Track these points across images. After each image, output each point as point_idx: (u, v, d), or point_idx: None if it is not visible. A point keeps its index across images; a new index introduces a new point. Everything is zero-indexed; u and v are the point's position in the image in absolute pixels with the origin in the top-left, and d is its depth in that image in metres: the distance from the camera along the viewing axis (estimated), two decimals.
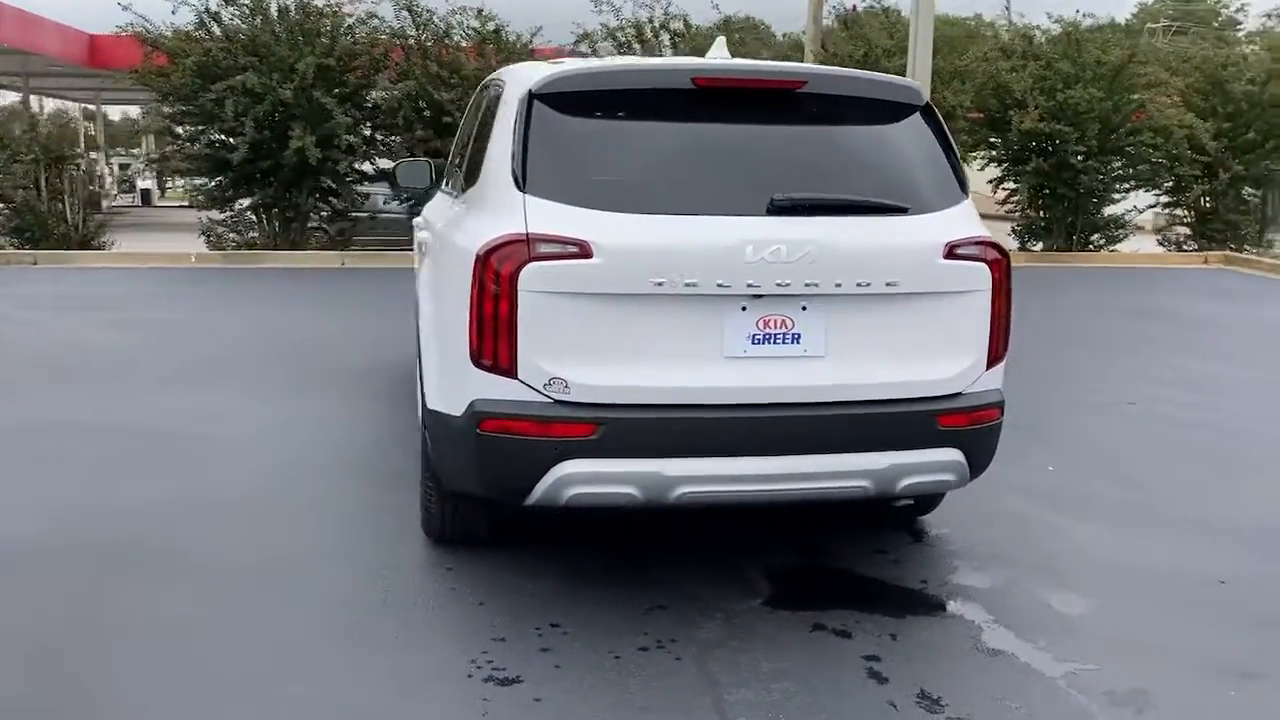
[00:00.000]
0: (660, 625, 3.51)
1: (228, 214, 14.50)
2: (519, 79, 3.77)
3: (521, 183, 3.37)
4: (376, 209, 16.15)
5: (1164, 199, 17.36)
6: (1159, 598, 3.84)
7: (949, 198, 3.57)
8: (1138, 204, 17.15)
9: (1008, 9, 17.23)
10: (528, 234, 3.25)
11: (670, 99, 3.54)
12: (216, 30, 14.07)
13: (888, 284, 3.36)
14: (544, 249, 3.23)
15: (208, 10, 14.04)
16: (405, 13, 14.73)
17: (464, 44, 15.02)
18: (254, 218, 14.55)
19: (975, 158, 16.48)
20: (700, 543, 4.27)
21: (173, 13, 14.43)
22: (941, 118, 3.73)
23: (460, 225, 3.75)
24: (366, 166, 14.82)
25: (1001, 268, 3.54)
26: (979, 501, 4.54)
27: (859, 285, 3.34)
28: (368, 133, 14.60)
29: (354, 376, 7.04)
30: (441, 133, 13.99)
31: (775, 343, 3.33)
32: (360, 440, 5.64)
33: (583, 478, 3.28)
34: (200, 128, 13.97)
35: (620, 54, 15.24)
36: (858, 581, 3.95)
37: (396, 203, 16.24)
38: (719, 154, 3.51)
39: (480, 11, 15.00)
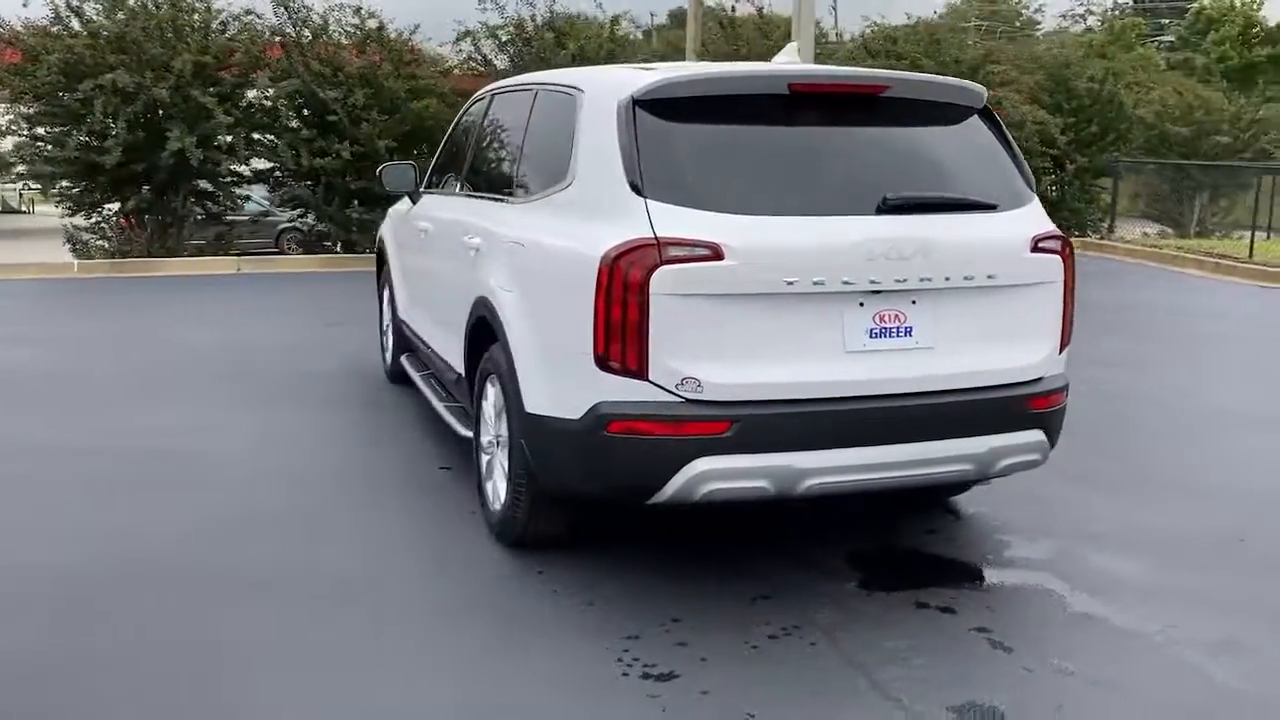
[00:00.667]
0: (776, 613, 3.63)
1: (94, 220, 13.72)
2: (605, 85, 3.82)
3: (640, 188, 3.42)
4: (260, 213, 15.61)
5: None
6: (1197, 557, 4.20)
7: (1024, 195, 3.81)
8: None
9: (834, 10, 17.84)
10: (656, 238, 3.31)
11: (765, 104, 3.66)
12: (76, 25, 13.29)
13: (988, 277, 3.58)
14: (674, 252, 3.30)
15: (68, 4, 13.23)
16: (281, 9, 14.27)
17: (344, 41, 14.65)
18: (124, 224, 13.79)
19: None
20: (764, 532, 4.40)
21: (24, 4, 13.58)
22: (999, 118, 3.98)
23: (554, 230, 3.75)
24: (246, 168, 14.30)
25: (1070, 260, 3.81)
26: (994, 480, 4.83)
27: (965, 279, 3.55)
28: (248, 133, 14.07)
29: (311, 384, 6.86)
30: (325, 132, 13.63)
31: (890, 336, 3.50)
32: (359, 448, 5.52)
33: (717, 474, 3.36)
34: (65, 129, 13.14)
35: (507, 52, 15.18)
36: (931, 560, 4.17)
37: (277, 206, 15.74)
38: (817, 156, 3.65)
39: (359, 9, 14.67)
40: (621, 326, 3.33)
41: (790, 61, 4.05)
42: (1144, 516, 4.65)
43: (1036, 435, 3.74)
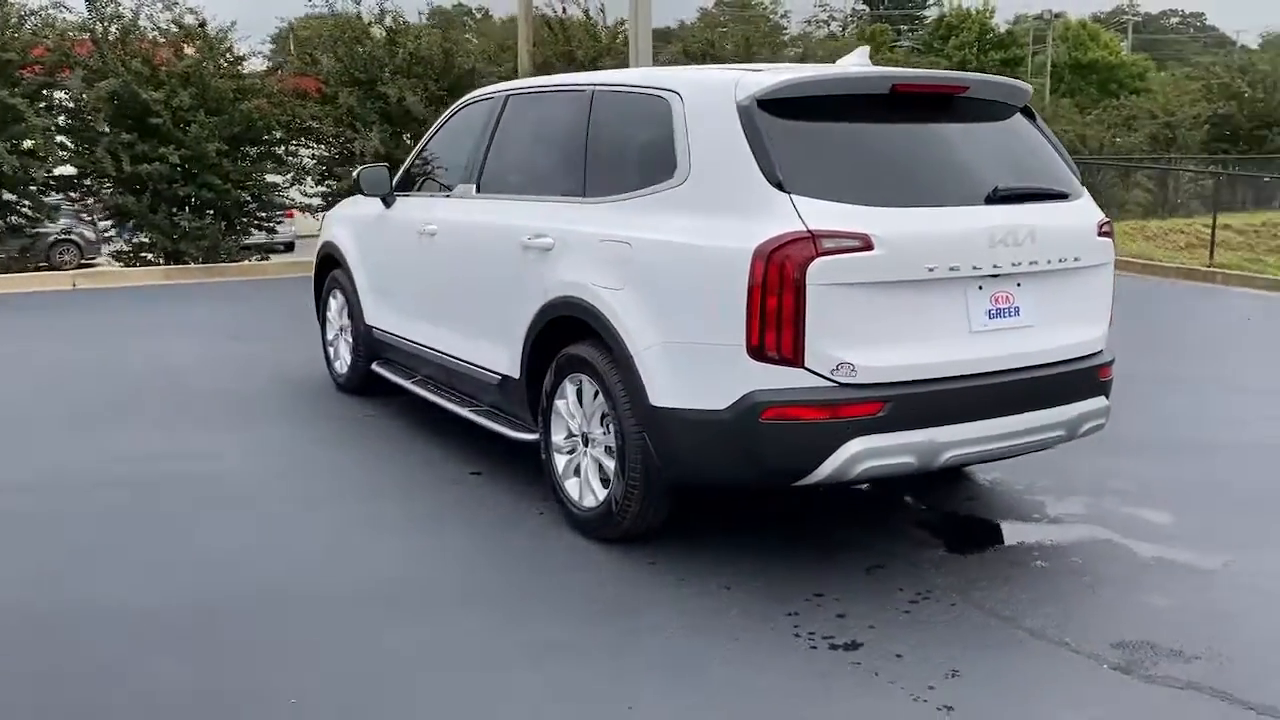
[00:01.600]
0: (899, 581, 3.87)
1: None
2: (709, 86, 3.95)
3: (783, 183, 3.57)
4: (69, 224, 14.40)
5: None
6: (1228, 505, 4.72)
7: (1077, 184, 4.22)
8: None
9: (602, 11, 18.08)
10: (810, 231, 3.47)
11: (871, 103, 3.88)
12: None
13: (1075, 259, 3.96)
14: (828, 244, 3.47)
15: None
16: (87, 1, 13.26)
17: (160, 39, 13.77)
18: None
19: None
20: (822, 512, 4.63)
21: None
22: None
23: (676, 227, 3.81)
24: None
25: (1114, 244, 4.26)
26: None
27: (1060, 261, 3.91)
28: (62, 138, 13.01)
29: (264, 401, 6.54)
30: (146, 134, 12.77)
31: (1004, 316, 3.81)
32: (374, 460, 5.35)
33: (871, 453, 3.56)
34: None
35: (335, 51, 14.68)
36: (989, 523, 4.51)
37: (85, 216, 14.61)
38: (922, 151, 3.92)
39: (175, 3, 13.82)
40: (778, 317, 3.47)
41: (861, 64, 4.28)
42: (1159, 472, 5.14)
43: (1104, 401, 4.15)
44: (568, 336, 4.34)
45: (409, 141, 13.87)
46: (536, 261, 4.47)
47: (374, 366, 6.24)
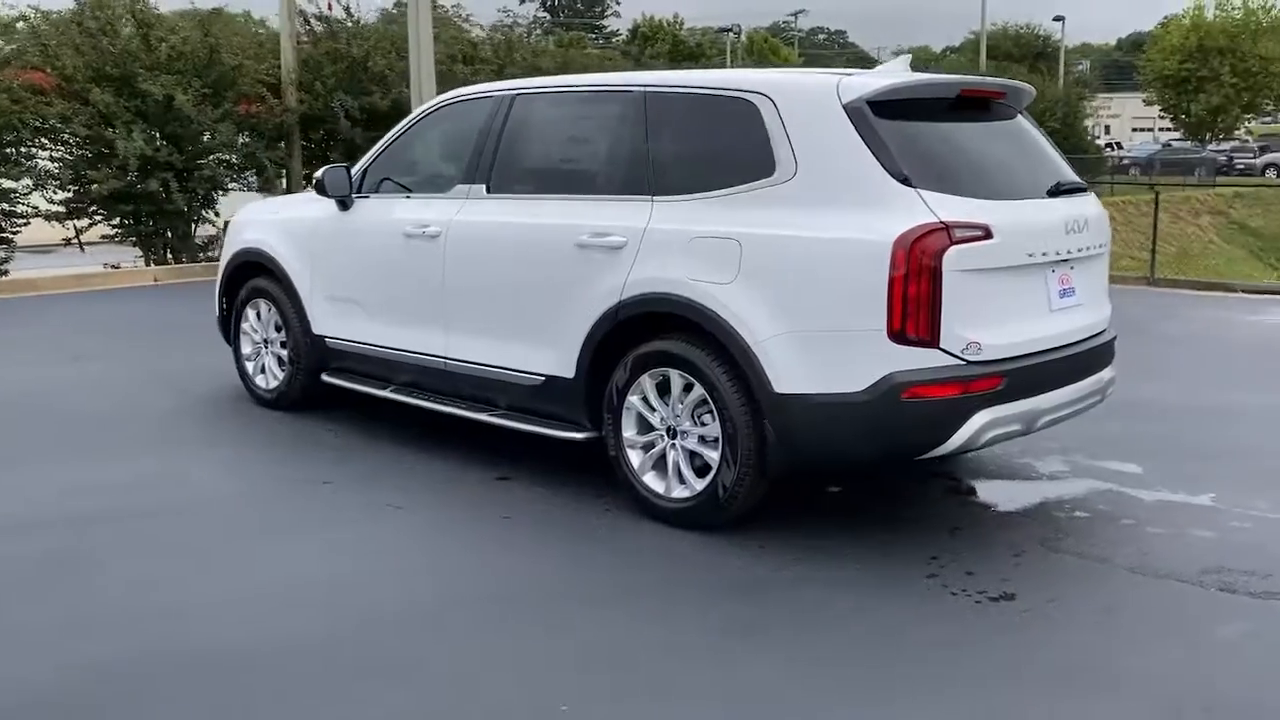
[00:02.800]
0: (989, 538, 4.29)
1: None
2: (807, 88, 4.21)
3: (909, 179, 3.86)
4: None
5: None
6: (1174, 453, 5.46)
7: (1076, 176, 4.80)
8: None
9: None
10: (944, 222, 3.80)
11: (942, 105, 4.25)
12: None
13: (1100, 245, 4.53)
14: (960, 234, 3.81)
15: None
16: None
17: None
18: None
19: None
20: (852, 488, 4.98)
21: None
22: None
23: (795, 223, 3.98)
24: None
25: None
26: None
27: (1099, 246, 4.46)
28: None
29: (188, 424, 6.06)
30: None
31: (1067, 296, 4.30)
32: (398, 478, 5.13)
33: (994, 423, 3.94)
34: None
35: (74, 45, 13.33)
36: (1028, 485, 4.97)
37: None
38: (987, 148, 4.34)
39: None
40: (917, 302, 3.77)
41: (903, 70, 4.62)
42: (1120, 431, 5.79)
43: (1114, 370, 4.76)
44: (642, 333, 4.41)
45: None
46: (602, 260, 4.49)
47: (325, 377, 5.93)
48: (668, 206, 4.39)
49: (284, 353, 6.16)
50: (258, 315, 6.33)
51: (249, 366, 6.43)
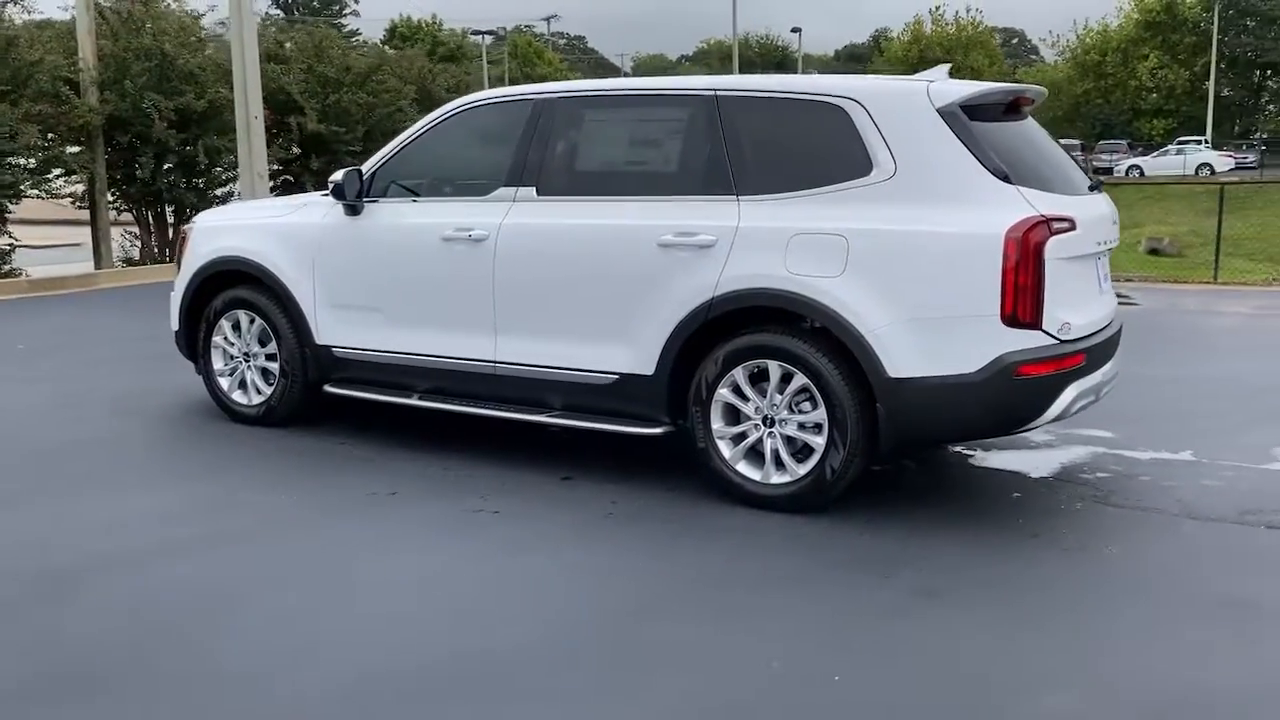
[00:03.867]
0: (1046, 501, 4.76)
1: None
2: (897, 93, 4.51)
3: (1009, 176, 4.25)
4: None
5: None
6: (1137, 419, 6.17)
7: None
8: None
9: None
10: (1044, 216, 4.21)
11: (999, 110, 4.66)
12: None
13: (1113, 239, 5.08)
14: (1056, 225, 4.23)
15: None
16: None
17: None
18: None
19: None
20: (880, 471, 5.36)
21: None
22: None
23: (900, 218, 4.27)
24: None
25: None
26: None
27: (1116, 239, 5.00)
28: None
29: (163, 449, 5.67)
30: None
31: (1103, 283, 4.82)
32: (456, 490, 5.04)
33: (1078, 396, 4.39)
34: None
35: None
36: (1037, 454, 5.47)
37: None
38: (1038, 148, 4.76)
39: None
40: (1025, 288, 4.16)
41: (942, 78, 4.98)
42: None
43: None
44: (732, 327, 4.58)
45: None
46: (689, 259, 4.62)
47: (328, 389, 5.71)
48: (757, 205, 4.57)
49: (271, 365, 5.87)
50: (234, 327, 5.99)
51: (223, 383, 6.07)
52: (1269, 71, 53.33)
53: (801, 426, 4.52)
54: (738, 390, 4.62)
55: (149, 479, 5.15)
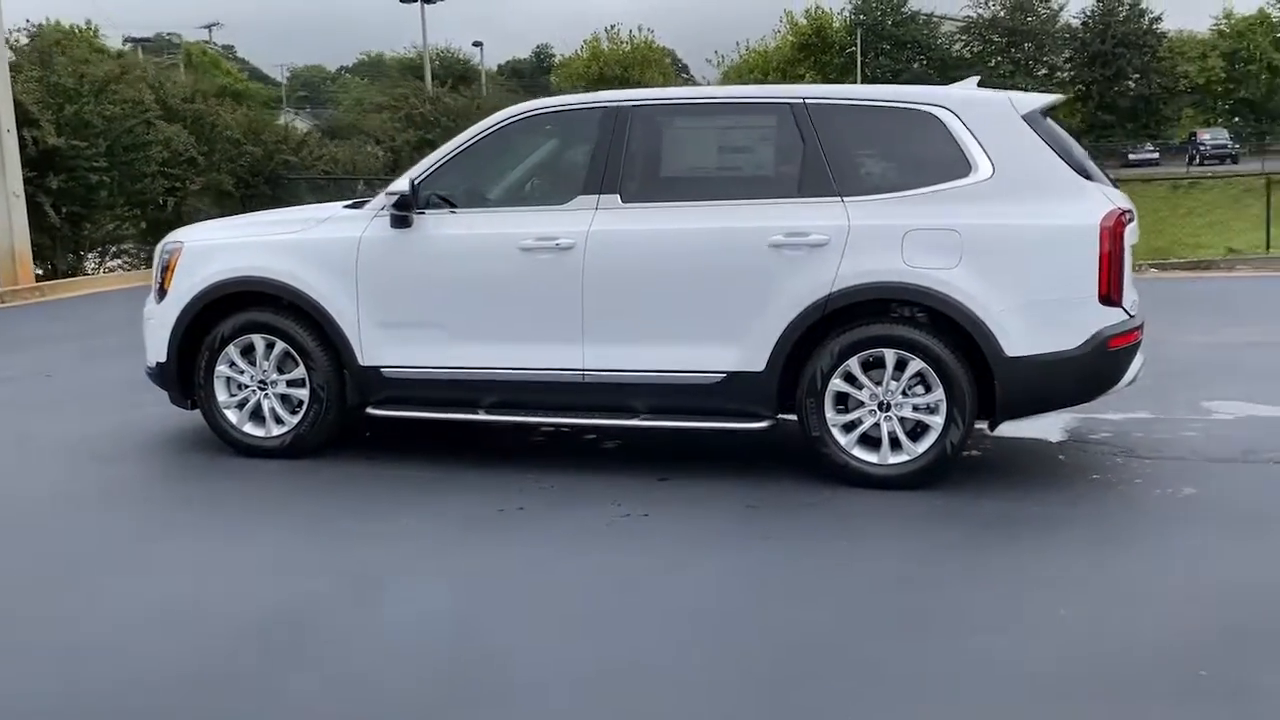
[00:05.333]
0: (1080, 459, 5.44)
1: None
2: (983, 101, 4.98)
3: (1086, 174, 4.86)
4: None
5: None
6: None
7: None
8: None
9: None
10: (1120, 208, 4.84)
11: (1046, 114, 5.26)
12: None
13: None
14: (1126, 217, 4.88)
15: None
16: None
17: None
18: None
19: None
20: None
21: None
22: None
23: (1005, 213, 4.73)
24: None
25: None
26: None
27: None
28: None
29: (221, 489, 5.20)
30: None
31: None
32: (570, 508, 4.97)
33: (1139, 365, 5.06)
34: None
35: None
36: (1039, 421, 6.03)
37: None
38: (1072, 146, 5.37)
39: None
40: (1114, 272, 4.78)
41: (973, 88, 5.48)
42: None
43: None
44: (845, 321, 4.89)
45: None
46: (801, 258, 4.87)
47: (372, 411, 5.43)
48: (863, 205, 4.90)
49: (296, 392, 5.48)
50: (243, 353, 5.53)
51: (232, 415, 5.57)
52: None
53: (915, 408, 4.90)
54: (850, 379, 4.93)
55: (242, 529, 4.68)
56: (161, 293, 5.66)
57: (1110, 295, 4.78)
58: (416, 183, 5.30)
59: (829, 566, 4.11)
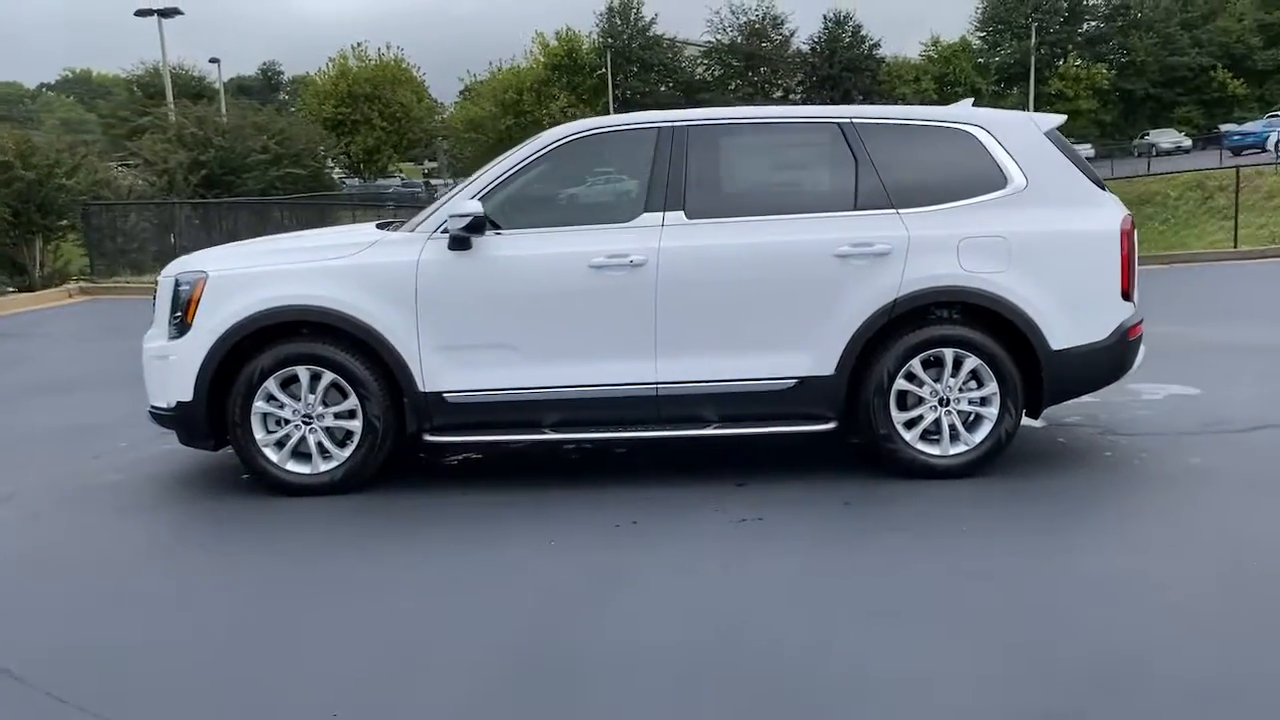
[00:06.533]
0: (1084, 439, 6.06)
1: None
2: (1010, 120, 5.47)
3: (1100, 184, 5.45)
4: None
5: None
6: None
7: None
8: None
9: None
10: (1129, 214, 5.46)
11: None
12: None
13: None
14: (1131, 222, 5.51)
15: None
16: None
17: None
18: None
19: None
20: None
21: None
22: None
23: (1042, 218, 5.21)
24: None
25: None
26: None
27: None
28: None
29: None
30: None
31: None
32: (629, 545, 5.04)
33: (1142, 353, 5.69)
34: None
35: None
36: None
37: None
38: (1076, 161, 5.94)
39: None
40: (1130, 270, 5.39)
41: (971, 109, 5.91)
42: None
43: None
44: (904, 324, 5.25)
45: None
46: (866, 266, 5.18)
47: (429, 437, 5.29)
48: (918, 216, 5.27)
49: (346, 424, 5.25)
50: (282, 387, 5.24)
51: (271, 454, 5.26)
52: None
53: (970, 402, 5.32)
54: (911, 378, 5.29)
55: (388, 588, 4.46)
56: (183, 327, 5.25)
57: (1128, 291, 5.38)
58: (512, 203, 5.27)
59: (972, 549, 4.43)
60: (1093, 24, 62.16)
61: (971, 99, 6.29)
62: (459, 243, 5.18)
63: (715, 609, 3.87)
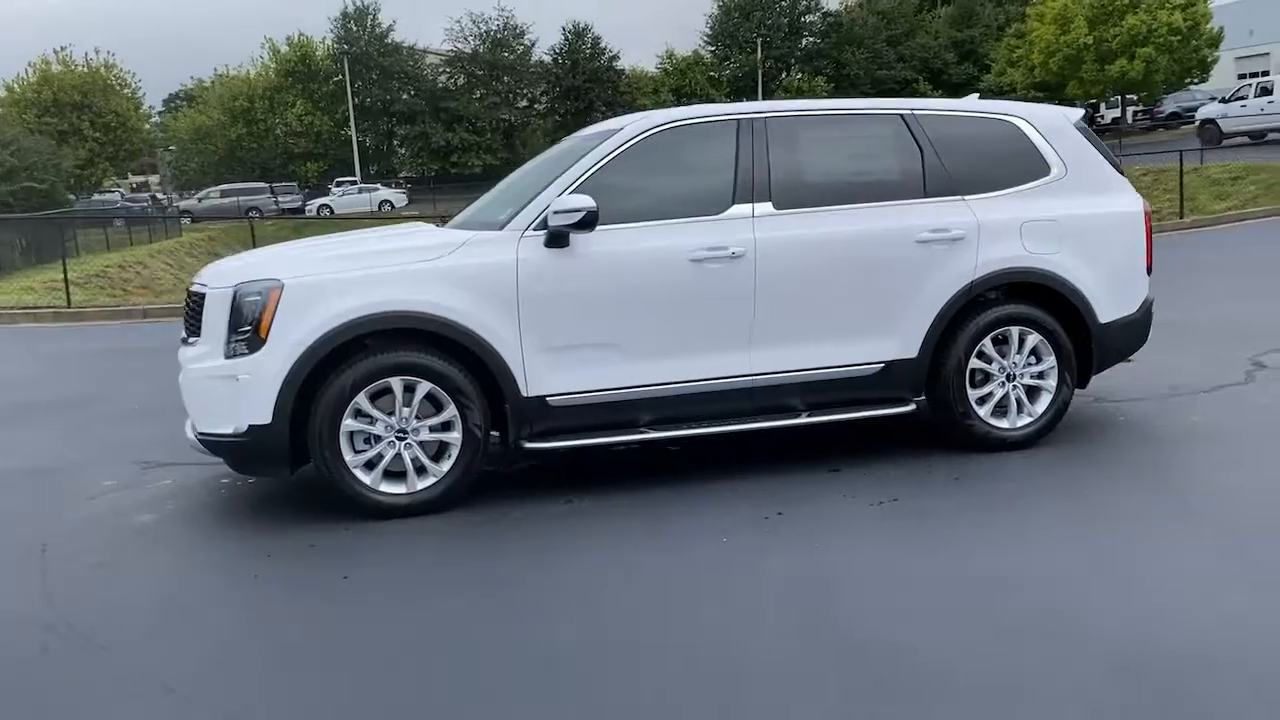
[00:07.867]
0: (1089, 415, 6.57)
1: None
2: (1045, 113, 5.84)
3: (1121, 170, 5.93)
4: None
5: None
6: None
7: None
8: None
9: None
10: (1144, 199, 5.99)
11: None
12: None
13: None
14: (1147, 205, 6.03)
15: None
16: None
17: None
18: None
19: None
20: None
21: None
22: None
23: (1082, 204, 5.61)
24: None
25: None
26: None
27: None
28: None
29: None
30: None
31: None
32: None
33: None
34: None
35: None
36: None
37: None
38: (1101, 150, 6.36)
39: None
40: (1150, 249, 5.91)
41: (978, 102, 6.20)
42: None
43: None
44: (977, 306, 5.51)
45: None
46: (945, 251, 5.41)
47: (527, 445, 5.04)
48: (982, 203, 5.54)
49: (444, 436, 4.91)
50: (373, 401, 4.82)
51: (363, 476, 4.83)
52: (395, 119, 60.17)
53: (1033, 376, 5.64)
54: (982, 356, 5.55)
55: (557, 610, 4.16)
56: (254, 342, 4.72)
57: (1150, 267, 5.90)
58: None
59: (1084, 509, 4.72)
60: (811, 40, 66.14)
61: (977, 95, 6.65)
62: (557, 239, 4.95)
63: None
